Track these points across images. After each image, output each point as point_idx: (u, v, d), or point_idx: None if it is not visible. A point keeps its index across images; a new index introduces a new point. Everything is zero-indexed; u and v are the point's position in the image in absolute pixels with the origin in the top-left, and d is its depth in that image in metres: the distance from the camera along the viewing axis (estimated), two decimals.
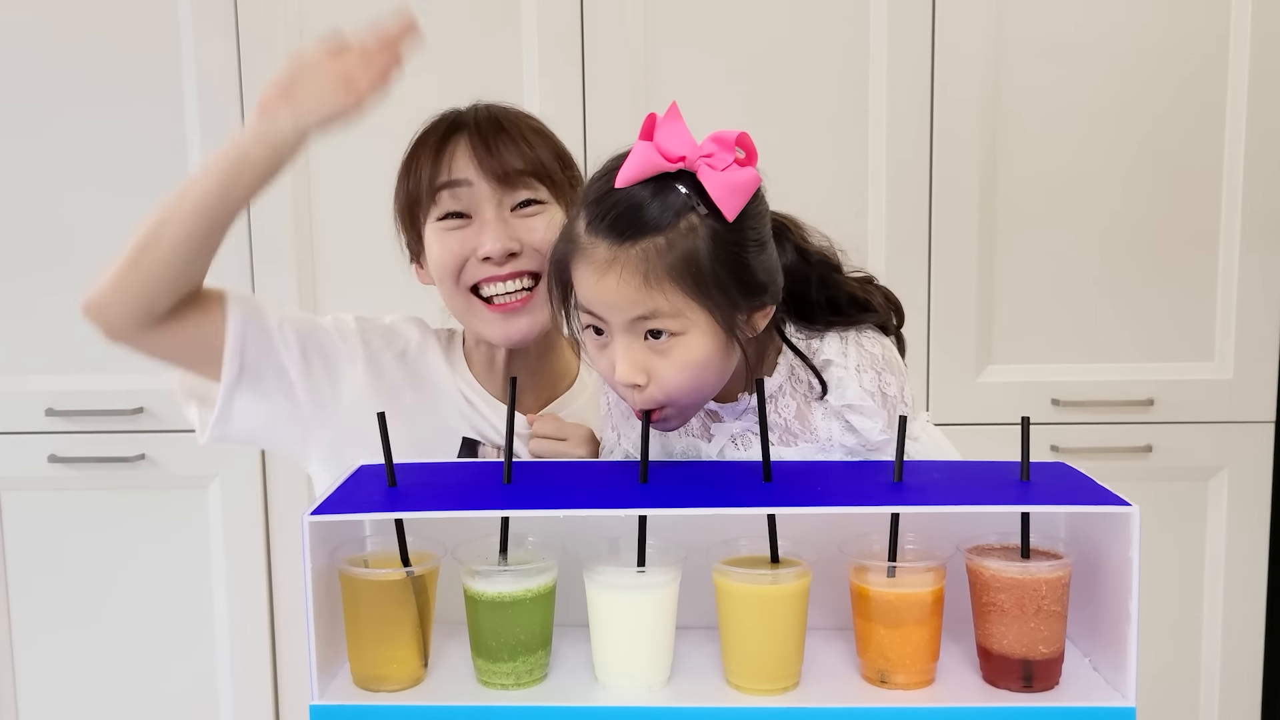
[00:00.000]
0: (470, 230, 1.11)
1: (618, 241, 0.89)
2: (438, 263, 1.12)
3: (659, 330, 0.90)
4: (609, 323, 0.91)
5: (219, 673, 2.06)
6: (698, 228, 0.89)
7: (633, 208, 0.89)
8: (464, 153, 1.11)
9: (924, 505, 0.83)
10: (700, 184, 0.90)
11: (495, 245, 1.09)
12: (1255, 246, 1.94)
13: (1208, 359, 1.98)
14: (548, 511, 0.83)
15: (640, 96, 1.92)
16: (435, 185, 1.11)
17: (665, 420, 0.94)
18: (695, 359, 0.91)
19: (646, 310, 0.89)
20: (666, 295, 0.88)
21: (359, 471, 0.95)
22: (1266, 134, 1.92)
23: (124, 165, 1.96)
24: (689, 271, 0.88)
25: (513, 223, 1.11)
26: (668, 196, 0.90)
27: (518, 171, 1.10)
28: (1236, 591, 2.01)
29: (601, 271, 0.89)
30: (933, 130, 1.93)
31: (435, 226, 1.12)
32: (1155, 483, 1.98)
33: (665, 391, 0.91)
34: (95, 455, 2.00)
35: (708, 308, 0.90)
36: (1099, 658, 0.88)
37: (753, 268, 0.92)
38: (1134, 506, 0.81)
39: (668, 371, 0.90)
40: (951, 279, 1.96)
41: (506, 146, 1.10)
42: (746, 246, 0.92)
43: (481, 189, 1.10)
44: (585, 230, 0.91)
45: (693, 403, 0.94)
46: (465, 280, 1.12)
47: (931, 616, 0.86)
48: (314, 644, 0.84)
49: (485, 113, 1.14)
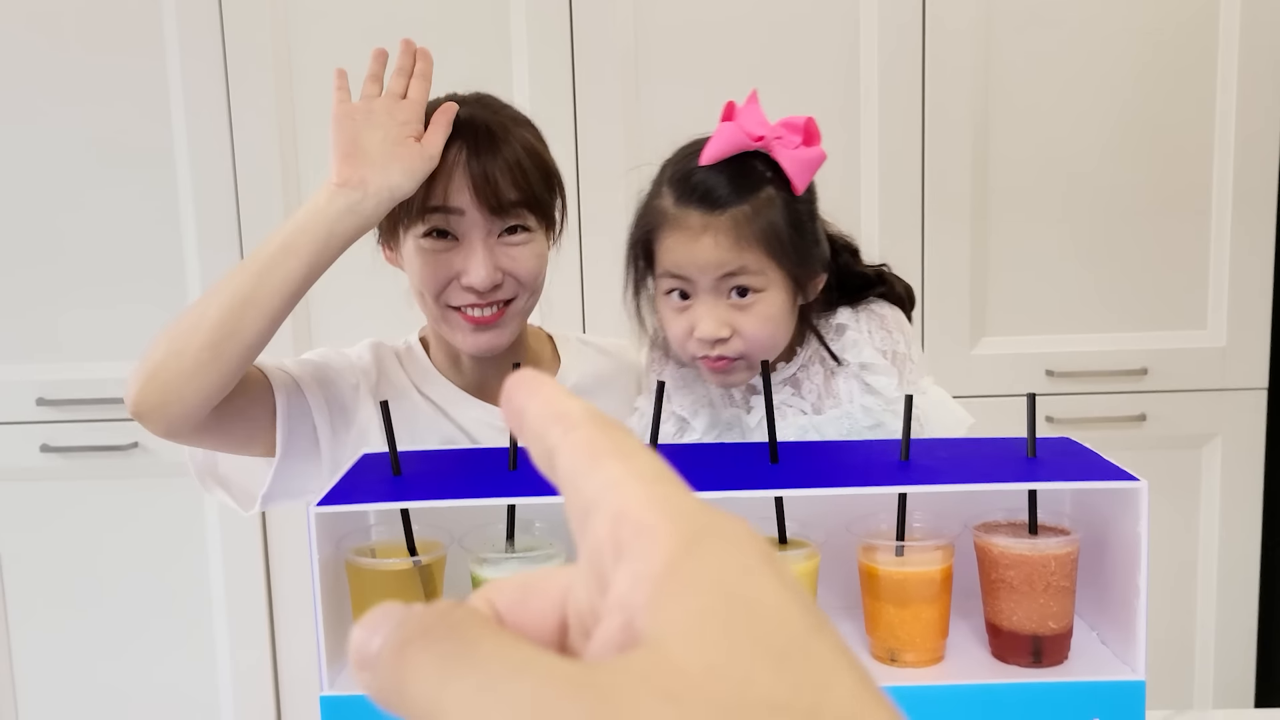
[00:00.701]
0: (456, 255, 1.08)
1: (709, 210, 1.02)
2: (419, 279, 1.10)
3: (743, 288, 1.03)
4: (696, 283, 1.04)
5: (219, 662, 2.05)
6: (774, 198, 1.03)
7: (722, 181, 1.03)
8: (461, 177, 1.06)
9: (931, 485, 0.83)
10: (773, 161, 1.03)
11: (482, 278, 1.06)
12: (1246, 214, 1.94)
13: (1200, 327, 1.98)
14: (554, 498, 0.82)
15: (629, 77, 1.91)
16: (432, 205, 1.06)
17: (734, 372, 1.06)
18: (773, 314, 1.04)
19: (736, 268, 1.02)
20: (753, 255, 1.02)
21: (362, 460, 0.95)
22: (1256, 103, 1.91)
23: (111, 159, 1.94)
24: (770, 235, 1.02)
25: (498, 251, 1.08)
26: (750, 172, 1.03)
27: (511, 203, 1.07)
28: (1231, 558, 2.02)
29: (695, 236, 1.02)
30: (924, 105, 1.93)
31: (418, 242, 1.09)
32: (1149, 451, 1.99)
33: (746, 342, 1.04)
34: (88, 444, 1.99)
35: (784, 267, 1.03)
36: (1106, 631, 0.89)
37: (815, 235, 1.07)
38: (1142, 482, 0.81)
39: (750, 325, 1.03)
40: (945, 253, 1.96)
41: (502, 174, 1.06)
42: (811, 216, 1.07)
43: (472, 217, 1.07)
44: (674, 204, 1.04)
45: (761, 358, 1.02)
46: (444, 300, 1.10)
47: (940, 594, 0.86)
48: (323, 635, 0.84)
49: (483, 126, 1.08)
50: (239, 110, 1.92)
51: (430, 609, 0.25)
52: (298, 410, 1.11)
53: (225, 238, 1.95)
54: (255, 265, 1.00)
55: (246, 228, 1.95)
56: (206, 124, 1.93)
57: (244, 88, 1.92)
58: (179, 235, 1.96)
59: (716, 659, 0.22)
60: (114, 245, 1.97)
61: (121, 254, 1.97)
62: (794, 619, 0.24)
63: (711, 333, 1.03)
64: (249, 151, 1.93)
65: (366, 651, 0.24)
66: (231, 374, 0.99)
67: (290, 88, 1.93)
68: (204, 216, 1.95)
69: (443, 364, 1.21)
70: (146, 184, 1.95)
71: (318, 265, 1.00)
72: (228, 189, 1.94)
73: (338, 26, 1.91)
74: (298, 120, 1.93)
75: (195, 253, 1.96)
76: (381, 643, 0.24)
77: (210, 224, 1.95)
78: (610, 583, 0.25)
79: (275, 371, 1.11)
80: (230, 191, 1.94)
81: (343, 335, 1.38)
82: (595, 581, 0.26)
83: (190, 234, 1.96)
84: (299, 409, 1.11)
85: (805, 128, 1.04)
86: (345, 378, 1.16)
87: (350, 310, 1.95)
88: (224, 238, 1.95)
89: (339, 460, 1.12)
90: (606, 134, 1.92)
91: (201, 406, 0.99)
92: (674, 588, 0.24)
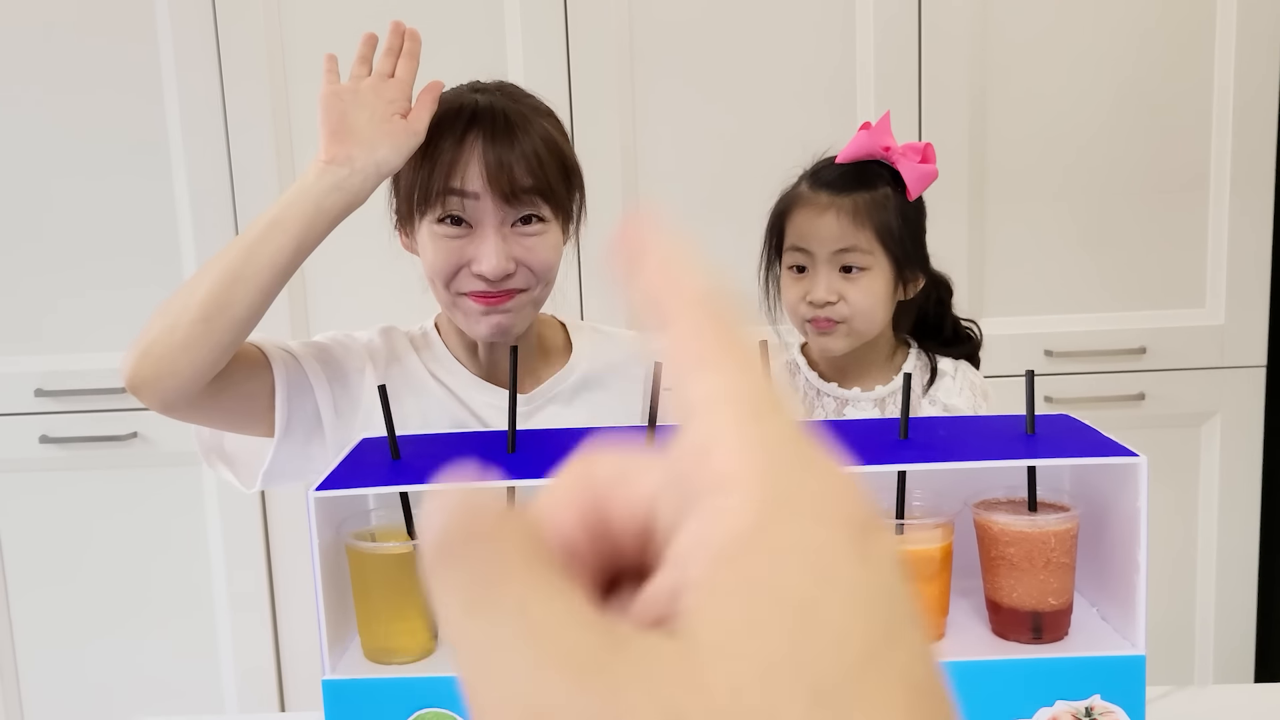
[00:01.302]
0: (469, 242, 1.08)
1: (836, 192, 1.24)
2: (431, 265, 1.10)
3: (851, 266, 1.23)
4: (815, 255, 1.25)
5: (220, 648, 2.06)
6: (890, 196, 1.25)
7: (850, 171, 1.26)
8: (476, 163, 1.06)
9: (930, 462, 0.83)
10: (895, 171, 1.25)
11: (493, 266, 1.06)
12: (1244, 192, 1.94)
13: (1199, 305, 1.98)
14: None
15: (625, 68, 1.90)
16: (446, 188, 1.06)
17: (835, 335, 1.25)
18: (875, 290, 1.24)
19: (849, 244, 1.23)
20: (865, 235, 1.23)
21: (361, 445, 0.95)
22: (1254, 80, 1.91)
23: (104, 144, 1.93)
24: (882, 222, 1.23)
25: (512, 240, 1.08)
26: (874, 173, 1.26)
27: (525, 190, 1.07)
28: (1230, 536, 2.03)
29: (821, 211, 1.24)
30: (921, 86, 1.92)
31: (432, 227, 1.09)
32: (1149, 430, 1.99)
33: (850, 309, 1.23)
34: (87, 435, 1.99)
35: (891, 254, 1.24)
36: (1107, 607, 0.89)
37: (919, 239, 1.28)
38: (1141, 457, 0.81)
39: (855, 294, 1.23)
40: (944, 234, 1.94)
41: (518, 162, 1.06)
42: (919, 221, 1.29)
43: (486, 203, 1.07)
44: (809, 189, 1.27)
45: (860, 330, 1.25)
46: (455, 287, 1.10)
47: (940, 572, 0.86)
48: (324, 619, 0.84)
49: (501, 113, 1.08)
50: (233, 97, 1.92)
51: (480, 517, 0.22)
52: (298, 388, 1.11)
53: (220, 225, 1.94)
54: (245, 240, 1.01)
55: (242, 215, 1.94)
56: (200, 110, 1.92)
57: (238, 73, 1.91)
58: (175, 223, 1.96)
59: (748, 689, 0.19)
60: (110, 234, 1.96)
61: (118, 243, 1.96)
62: (855, 641, 0.20)
63: (822, 296, 1.23)
64: (243, 138, 1.92)
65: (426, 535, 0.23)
66: (224, 348, 1.00)
67: (284, 74, 1.92)
68: (199, 204, 1.94)
69: (457, 349, 1.21)
70: (141, 171, 1.94)
71: (307, 241, 1.01)
72: (222, 176, 1.93)
73: (331, 11, 1.90)
74: (292, 107, 1.93)
75: (191, 241, 1.96)
76: (429, 539, 0.22)
77: (205, 211, 1.94)
78: (678, 524, 0.22)
79: (274, 349, 1.11)
80: (225, 178, 1.93)
81: (346, 324, 1.38)
82: (675, 500, 0.23)
83: (186, 222, 1.95)
84: (299, 387, 1.11)
85: (924, 150, 1.27)
86: (351, 360, 1.16)
87: (350, 302, 1.95)
88: (219, 225, 1.94)
89: (343, 442, 1.12)
90: (602, 126, 1.91)
91: (195, 380, 1.00)
92: (730, 580, 0.21)
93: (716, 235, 1.89)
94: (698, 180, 1.94)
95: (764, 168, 1.36)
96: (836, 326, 1.25)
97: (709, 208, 1.94)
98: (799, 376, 1.35)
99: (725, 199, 1.90)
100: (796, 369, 1.35)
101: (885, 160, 1.26)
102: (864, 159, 1.26)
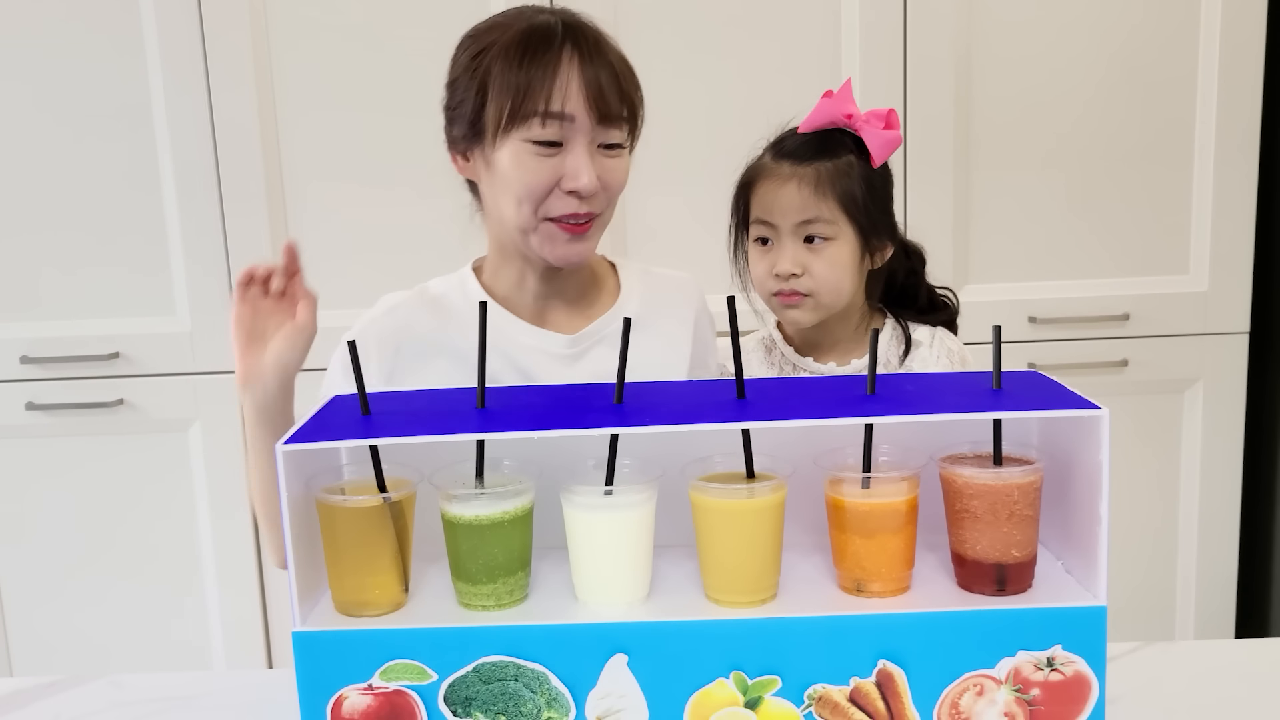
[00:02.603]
0: (560, 160, 1.09)
1: (798, 162, 1.23)
2: (521, 185, 1.09)
3: (814, 236, 1.22)
4: (778, 227, 1.24)
5: (209, 609, 2.07)
6: (854, 164, 1.23)
7: (812, 140, 1.25)
8: (576, 85, 1.07)
9: (895, 415, 0.83)
10: (858, 138, 1.24)
11: (588, 183, 1.08)
12: (1228, 159, 1.94)
13: (1183, 272, 1.99)
14: (523, 434, 0.83)
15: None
16: (546, 109, 1.07)
17: (802, 308, 1.25)
18: (841, 261, 1.23)
19: (812, 215, 1.22)
20: (828, 205, 1.22)
21: (333, 402, 0.95)
22: (1239, 48, 1.90)
23: (87, 110, 1.93)
24: (846, 191, 1.22)
25: (600, 160, 1.10)
26: (837, 141, 1.24)
27: (618, 116, 1.10)
28: (1212, 501, 2.04)
29: (783, 182, 1.23)
30: (906, 52, 1.91)
31: (521, 146, 1.08)
32: (1132, 396, 2.00)
33: (815, 281, 1.23)
34: (73, 401, 1.99)
35: (855, 222, 1.23)
36: (1071, 560, 0.90)
37: (885, 206, 1.26)
38: (1104, 409, 0.81)
39: (819, 266, 1.23)
40: (928, 200, 1.95)
41: (611, 86, 1.09)
42: (885, 189, 1.27)
43: (582, 124, 1.08)
44: (771, 159, 1.26)
45: (826, 303, 1.25)
46: (544, 210, 1.11)
47: (906, 525, 0.87)
48: (294, 572, 0.84)
49: (591, 34, 1.10)
50: (216, 69, 1.91)
51: None
52: None
53: (205, 191, 1.94)
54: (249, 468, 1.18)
55: (225, 180, 1.94)
56: (184, 82, 1.91)
57: (221, 46, 1.90)
58: (159, 192, 1.95)
59: None
60: (94, 202, 1.96)
61: (102, 211, 1.96)
62: None
63: (787, 268, 1.23)
64: (227, 109, 1.92)
65: None
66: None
67: (268, 45, 1.91)
68: (182, 173, 1.94)
69: (505, 288, 1.20)
70: (125, 141, 1.94)
71: (277, 431, 1.09)
72: (206, 145, 1.93)
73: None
74: (275, 78, 1.92)
75: (175, 211, 1.95)
76: None
77: (188, 179, 1.94)
78: None
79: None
80: (209, 148, 1.93)
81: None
82: None
83: (170, 191, 1.95)
84: None
85: (887, 117, 1.25)
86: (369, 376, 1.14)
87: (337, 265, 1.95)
88: (204, 191, 1.94)
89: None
90: None
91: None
92: None
93: (701, 206, 1.89)
94: (682, 151, 1.93)
95: (750, 138, 1.36)
96: (803, 299, 1.24)
97: (693, 179, 1.93)
98: (775, 351, 1.35)
99: (708, 170, 1.90)
100: (773, 344, 1.35)
101: (849, 128, 1.25)
102: (827, 127, 1.25)
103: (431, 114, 1.18)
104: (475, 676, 0.84)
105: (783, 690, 0.84)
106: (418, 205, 1.93)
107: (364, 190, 1.95)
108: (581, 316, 1.21)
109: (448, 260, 1.27)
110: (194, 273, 1.97)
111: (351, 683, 0.84)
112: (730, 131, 1.41)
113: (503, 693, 0.84)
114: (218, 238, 1.95)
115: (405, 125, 1.89)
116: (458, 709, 0.84)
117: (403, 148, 1.91)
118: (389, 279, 1.23)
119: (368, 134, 1.93)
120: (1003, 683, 0.83)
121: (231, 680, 1.11)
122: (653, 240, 1.97)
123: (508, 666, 0.84)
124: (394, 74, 1.90)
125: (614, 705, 0.84)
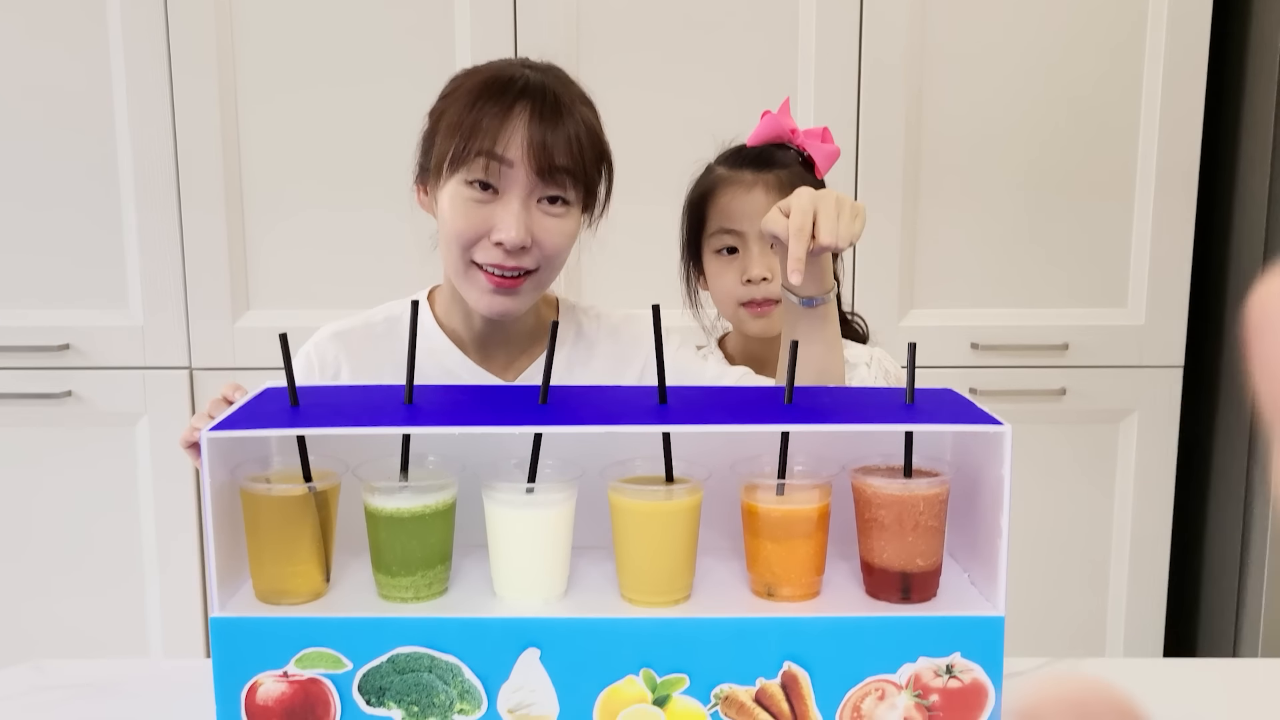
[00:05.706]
0: (493, 210, 1.10)
1: (758, 170, 1.29)
2: (450, 227, 1.11)
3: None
4: (745, 234, 1.27)
5: (148, 601, 2.07)
6: (804, 175, 1.29)
7: (765, 152, 1.31)
8: (519, 133, 1.08)
9: (810, 424, 0.86)
10: (800, 153, 1.30)
11: (514, 236, 1.08)
12: (1168, 197, 1.99)
13: (1121, 305, 2.04)
14: (449, 430, 0.85)
15: (572, 44, 1.92)
16: (484, 150, 1.08)
17: (772, 318, 1.27)
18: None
19: None
20: None
21: (264, 393, 0.97)
22: (1181, 88, 1.96)
23: (44, 99, 1.93)
24: None
25: (534, 215, 1.10)
26: (786, 152, 1.32)
27: (559, 169, 1.09)
28: (1144, 527, 2.09)
29: (748, 188, 1.28)
30: (860, 83, 1.96)
31: (459, 188, 1.10)
32: (1069, 425, 2.04)
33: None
34: (21, 392, 1.99)
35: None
36: (975, 571, 0.93)
37: None
38: (1006, 426, 0.85)
39: None
40: (876, 226, 1.99)
41: (559, 141, 1.08)
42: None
43: (519, 173, 1.09)
44: (728, 170, 1.30)
45: None
46: (470, 255, 1.12)
47: (817, 532, 0.89)
48: (214, 559, 0.86)
49: (551, 93, 1.11)
50: (179, 61, 1.92)
51: None
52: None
53: (162, 181, 1.94)
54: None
55: (184, 170, 1.95)
56: (145, 73, 1.92)
57: (184, 38, 1.91)
58: (116, 184, 1.96)
59: None
60: (50, 192, 1.96)
61: (58, 201, 1.96)
62: None
63: (759, 273, 1.25)
64: (188, 102, 1.93)
65: None
66: None
67: (232, 41, 1.93)
68: (141, 165, 1.94)
69: (451, 320, 1.21)
70: (84, 132, 1.94)
71: None
72: (166, 138, 1.94)
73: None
74: (238, 75, 1.93)
75: (132, 203, 1.96)
76: None
77: (147, 173, 1.95)
78: None
79: None
80: (169, 141, 1.94)
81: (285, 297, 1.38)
82: None
83: (128, 184, 1.96)
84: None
85: (823, 133, 1.33)
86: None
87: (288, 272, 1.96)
88: (161, 181, 1.95)
89: None
90: None
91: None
92: None
93: (656, 223, 1.92)
94: (638, 168, 1.96)
95: (712, 135, 1.40)
96: (775, 307, 1.27)
97: (649, 196, 1.96)
98: None
99: (665, 188, 1.92)
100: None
101: (791, 143, 1.32)
102: (773, 141, 1.32)
103: (394, 116, 1.20)
104: (390, 667, 0.85)
105: (690, 689, 0.86)
106: (377, 207, 1.94)
107: (324, 190, 1.96)
108: (526, 356, 1.22)
109: (408, 262, 1.29)
110: (148, 267, 1.97)
111: (267, 669, 0.85)
112: (682, 156, 1.42)
113: (416, 683, 0.85)
114: (174, 232, 1.96)
115: (368, 127, 1.91)
116: (371, 698, 0.86)
117: (364, 149, 1.93)
118: (347, 278, 1.25)
119: (329, 133, 1.95)
120: (904, 688, 0.86)
121: (155, 668, 1.12)
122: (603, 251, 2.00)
123: (422, 658, 0.85)
124: (358, 75, 1.92)
125: (525, 699, 0.86)
